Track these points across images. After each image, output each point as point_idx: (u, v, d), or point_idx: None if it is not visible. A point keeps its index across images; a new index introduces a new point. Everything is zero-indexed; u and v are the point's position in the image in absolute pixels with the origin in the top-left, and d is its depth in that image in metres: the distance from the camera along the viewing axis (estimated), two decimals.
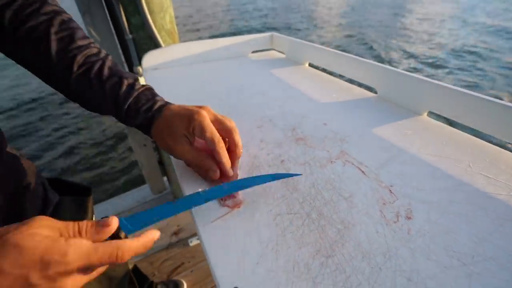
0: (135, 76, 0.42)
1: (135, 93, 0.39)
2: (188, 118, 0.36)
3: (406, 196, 0.33)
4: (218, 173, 0.35)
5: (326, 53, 0.73)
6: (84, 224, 0.23)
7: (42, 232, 0.21)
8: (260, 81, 0.71)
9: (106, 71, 0.39)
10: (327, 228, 0.29)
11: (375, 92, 0.61)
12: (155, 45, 0.92)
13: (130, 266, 0.81)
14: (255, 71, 0.79)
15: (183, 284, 1.00)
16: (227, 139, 0.38)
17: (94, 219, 0.52)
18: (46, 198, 0.42)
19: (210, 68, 0.83)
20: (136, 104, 0.39)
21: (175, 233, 1.23)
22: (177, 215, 0.30)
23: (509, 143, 0.42)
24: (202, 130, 0.35)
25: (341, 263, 0.26)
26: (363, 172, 0.37)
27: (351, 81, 0.70)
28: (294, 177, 0.36)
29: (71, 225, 0.23)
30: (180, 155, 0.37)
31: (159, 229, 0.28)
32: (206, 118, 0.36)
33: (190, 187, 0.36)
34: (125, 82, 0.39)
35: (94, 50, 0.40)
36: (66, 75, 0.37)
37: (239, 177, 0.37)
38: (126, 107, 0.38)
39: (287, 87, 0.67)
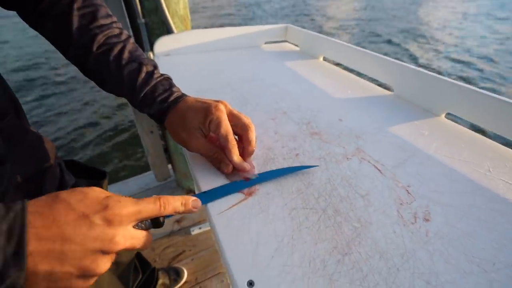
0: (155, 63, 0.41)
1: (153, 82, 0.38)
2: (205, 112, 0.35)
3: (424, 198, 0.32)
4: (230, 167, 0.35)
5: (341, 48, 0.71)
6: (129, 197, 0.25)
7: (100, 190, 0.24)
8: (273, 73, 0.70)
9: (126, 55, 0.38)
10: (344, 225, 0.28)
11: (391, 90, 0.60)
12: (168, 30, 0.91)
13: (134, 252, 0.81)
14: (268, 62, 0.78)
15: (183, 272, 1.01)
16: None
17: None
18: (62, 179, 0.42)
19: (223, 57, 0.81)
20: (152, 93, 0.38)
21: (178, 221, 1.23)
22: None
23: None
24: (218, 125, 0.34)
25: (358, 262, 0.25)
26: (379, 170, 0.36)
27: (366, 77, 0.69)
28: (310, 170, 0.35)
29: (117, 195, 0.25)
30: (194, 148, 0.36)
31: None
32: (223, 113, 0.35)
33: (205, 178, 0.36)
34: (144, 69, 0.38)
35: (116, 31, 0.39)
36: (85, 53, 0.37)
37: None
38: (142, 95, 0.38)
39: (301, 80, 0.66)
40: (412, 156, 0.39)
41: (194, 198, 0.28)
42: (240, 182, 0.34)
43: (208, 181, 0.35)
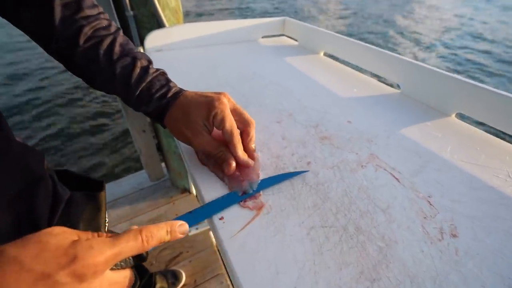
0: (148, 57, 0.38)
1: (149, 78, 0.35)
2: (207, 106, 0.32)
3: (447, 210, 0.30)
4: (233, 167, 0.33)
5: (344, 43, 0.68)
6: (103, 234, 0.22)
7: (62, 232, 0.19)
8: (273, 70, 0.66)
9: (117, 48, 0.35)
10: (368, 245, 0.26)
11: (399, 88, 0.58)
12: (159, 24, 0.85)
13: None
14: (267, 58, 0.74)
15: (181, 274, 0.98)
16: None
17: (107, 216, 0.49)
18: (56, 192, 0.38)
19: (218, 52, 0.77)
20: (149, 90, 0.35)
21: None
22: (174, 202, 0.27)
23: None
24: (222, 120, 0.32)
25: None
26: (397, 179, 0.34)
27: (371, 74, 0.66)
28: (326, 180, 0.33)
29: (89, 232, 0.21)
30: (199, 145, 0.34)
31: (157, 218, 0.25)
32: (227, 107, 0.33)
33: (204, 180, 0.32)
34: (138, 64, 0.35)
35: (104, 23, 0.35)
36: (71, 47, 0.33)
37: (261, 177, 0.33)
38: (138, 92, 0.35)
39: (304, 78, 0.62)
40: (428, 162, 0.37)
41: (180, 222, 0.25)
42: (233, 193, 0.31)
43: (208, 183, 0.33)
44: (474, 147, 0.41)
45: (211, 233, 1.26)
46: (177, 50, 0.78)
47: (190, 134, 0.33)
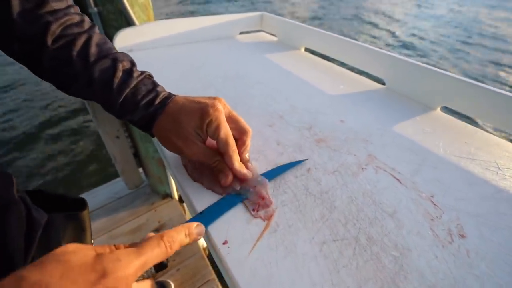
0: (131, 58, 0.33)
1: (133, 82, 0.31)
2: (201, 113, 0.29)
3: (451, 209, 0.30)
4: (230, 178, 0.30)
5: (326, 38, 0.67)
6: (121, 245, 0.21)
7: (79, 249, 0.18)
8: (256, 68, 0.63)
9: (93, 49, 0.30)
10: (382, 256, 0.25)
11: (383, 83, 0.58)
12: (128, 22, 0.78)
13: None
14: (249, 55, 0.71)
15: (170, 285, 0.94)
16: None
17: (92, 236, 0.44)
18: (30, 217, 0.33)
19: (196, 51, 0.73)
20: (134, 96, 0.31)
21: (157, 230, 1.14)
22: (156, 209, 0.25)
23: None
24: (217, 128, 0.29)
25: None
26: (398, 180, 0.34)
27: (353, 69, 0.66)
28: (330, 188, 0.31)
29: (105, 246, 0.20)
30: (192, 156, 0.31)
31: (139, 227, 0.23)
32: (222, 114, 0.30)
33: (196, 190, 0.30)
34: (120, 67, 0.31)
35: (76, 18, 0.31)
36: (36, 49, 0.28)
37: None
38: (121, 99, 0.31)
39: (289, 75, 0.61)
40: (425, 160, 0.37)
41: (196, 223, 0.24)
42: (233, 196, 0.30)
43: (196, 189, 0.31)
44: (463, 141, 0.42)
45: None
46: (150, 49, 0.72)
47: (182, 143, 0.30)
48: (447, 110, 0.49)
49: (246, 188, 0.30)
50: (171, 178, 1.21)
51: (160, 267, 0.23)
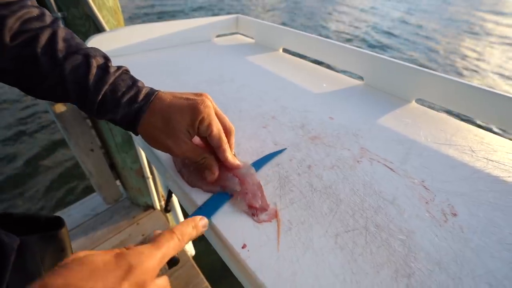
0: (103, 53, 0.31)
1: (111, 78, 0.29)
2: (192, 111, 0.29)
3: (441, 191, 0.33)
4: (216, 174, 0.31)
5: (305, 39, 0.69)
6: (131, 245, 0.21)
7: (92, 253, 0.18)
8: (238, 71, 0.64)
9: (61, 44, 0.28)
10: (392, 241, 0.27)
11: (361, 80, 0.61)
12: (97, 27, 0.74)
13: None
14: (229, 58, 0.71)
15: None
16: None
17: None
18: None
19: (174, 55, 0.71)
20: (114, 94, 0.29)
21: (142, 243, 1.09)
22: (138, 222, 0.26)
23: (501, 127, 0.46)
24: (209, 125, 0.29)
25: (425, 281, 0.24)
26: (391, 169, 0.36)
27: (331, 67, 0.69)
28: (333, 183, 0.33)
29: (116, 249, 0.20)
30: (181, 154, 0.30)
31: (122, 243, 0.24)
32: (212, 110, 0.30)
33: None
34: (94, 63, 0.29)
35: (35, 11, 0.28)
36: None
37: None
38: (100, 97, 0.29)
39: (272, 76, 0.62)
40: (410, 149, 0.40)
41: (200, 217, 0.26)
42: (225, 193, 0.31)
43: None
44: (439, 129, 0.46)
45: (185, 246, 1.19)
46: (125, 56, 0.69)
47: (171, 142, 0.30)
48: (421, 101, 0.54)
49: (234, 180, 0.31)
50: (153, 189, 1.16)
51: (173, 262, 0.23)
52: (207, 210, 0.29)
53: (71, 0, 0.69)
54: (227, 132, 0.32)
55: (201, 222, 0.25)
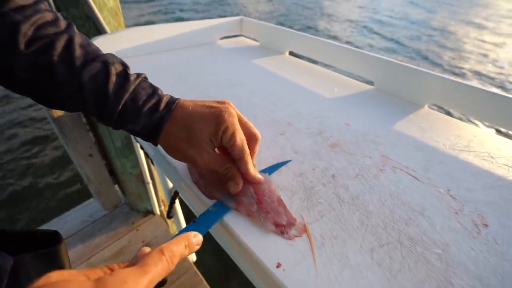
0: (121, 59, 0.30)
1: (131, 87, 0.28)
2: (215, 120, 0.28)
3: (468, 200, 0.33)
4: (241, 185, 0.30)
5: (313, 42, 0.69)
6: (115, 265, 0.19)
7: (68, 277, 0.16)
8: (246, 75, 0.62)
9: (78, 52, 0.26)
10: (428, 255, 0.26)
11: (372, 84, 0.61)
12: (97, 28, 0.72)
13: None
14: (234, 62, 0.70)
15: None
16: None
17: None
18: None
19: (178, 58, 0.69)
20: (134, 103, 0.28)
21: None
22: (138, 229, 0.24)
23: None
24: (233, 135, 0.28)
25: None
26: (416, 178, 0.35)
27: (339, 70, 0.68)
28: (359, 193, 0.32)
29: (97, 269, 0.18)
30: (204, 164, 0.29)
31: (121, 250, 0.22)
32: (236, 119, 0.29)
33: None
34: (113, 70, 0.27)
35: (49, 16, 0.26)
36: (6, 55, 0.24)
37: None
38: (120, 107, 0.27)
39: (282, 81, 0.61)
40: (430, 156, 0.40)
41: (193, 233, 0.23)
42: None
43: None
44: (455, 135, 0.45)
45: None
46: (127, 58, 0.67)
47: (194, 152, 0.28)
48: (434, 106, 0.54)
49: (251, 200, 0.30)
50: (153, 194, 1.14)
51: (161, 283, 0.21)
52: (203, 223, 0.27)
53: (71, 0, 0.67)
54: (252, 140, 0.31)
55: (195, 239, 0.23)
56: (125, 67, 0.29)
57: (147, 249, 0.21)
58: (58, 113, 0.82)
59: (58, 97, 0.27)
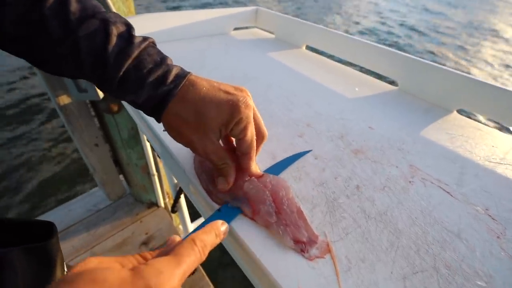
0: (125, 19, 0.26)
1: (135, 51, 0.24)
2: (231, 109, 0.25)
3: (510, 222, 0.29)
4: (229, 187, 0.28)
5: (332, 37, 0.64)
6: (147, 253, 0.20)
7: (107, 264, 0.17)
8: (261, 69, 0.59)
9: (74, 5, 0.23)
10: (469, 287, 0.23)
11: (394, 84, 0.57)
12: None
13: None
14: (249, 54, 0.66)
15: None
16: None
17: (65, 269, 0.34)
18: None
19: (191, 49, 0.66)
20: (138, 70, 0.24)
21: (144, 243, 1.06)
22: (142, 220, 0.22)
23: None
24: (245, 128, 0.26)
25: None
26: (449, 193, 0.32)
27: (360, 67, 0.64)
28: (388, 209, 0.28)
29: (130, 257, 0.19)
30: (203, 153, 0.26)
31: (124, 241, 0.21)
32: (252, 112, 0.26)
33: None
34: (113, 30, 0.24)
35: None
36: None
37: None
38: (121, 73, 0.24)
39: (298, 76, 0.57)
40: (463, 168, 0.36)
41: (221, 222, 0.23)
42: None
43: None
44: (489, 145, 0.41)
45: None
46: None
47: (197, 139, 0.26)
48: (464, 111, 0.49)
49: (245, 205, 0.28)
50: (158, 186, 1.12)
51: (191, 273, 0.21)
52: (227, 213, 0.26)
53: None
54: (259, 138, 0.29)
55: (222, 227, 0.22)
56: (129, 27, 0.25)
57: (177, 238, 0.21)
58: (64, 100, 0.80)
59: (53, 58, 0.24)
